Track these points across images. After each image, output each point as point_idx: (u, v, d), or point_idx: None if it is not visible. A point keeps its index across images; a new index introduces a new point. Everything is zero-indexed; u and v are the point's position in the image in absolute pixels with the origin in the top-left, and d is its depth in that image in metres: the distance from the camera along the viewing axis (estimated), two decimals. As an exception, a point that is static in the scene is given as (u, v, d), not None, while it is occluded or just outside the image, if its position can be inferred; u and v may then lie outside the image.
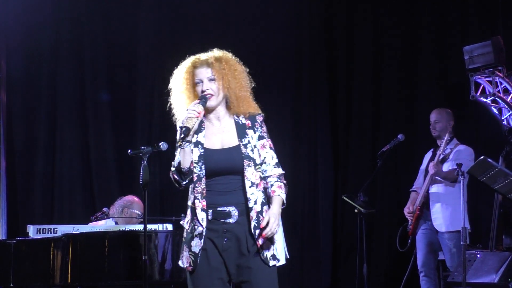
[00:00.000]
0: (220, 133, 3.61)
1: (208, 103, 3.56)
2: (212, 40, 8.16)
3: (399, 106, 7.91)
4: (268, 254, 3.51)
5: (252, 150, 3.56)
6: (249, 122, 3.62)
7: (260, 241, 3.48)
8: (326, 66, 8.05)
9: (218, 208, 3.50)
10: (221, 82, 3.57)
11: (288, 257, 5.24)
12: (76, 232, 5.15)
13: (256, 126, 3.61)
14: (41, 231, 5.36)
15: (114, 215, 6.20)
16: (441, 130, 6.43)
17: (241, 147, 3.55)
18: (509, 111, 6.83)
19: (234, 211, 3.50)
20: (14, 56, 7.58)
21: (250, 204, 3.50)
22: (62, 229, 5.32)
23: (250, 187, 3.51)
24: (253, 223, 3.49)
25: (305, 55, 8.13)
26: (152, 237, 4.88)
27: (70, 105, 7.83)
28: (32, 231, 5.37)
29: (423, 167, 6.52)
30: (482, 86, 6.78)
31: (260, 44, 8.11)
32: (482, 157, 5.05)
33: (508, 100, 6.75)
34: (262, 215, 3.48)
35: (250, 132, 3.60)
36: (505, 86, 6.74)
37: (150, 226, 5.04)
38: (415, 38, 7.91)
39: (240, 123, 3.62)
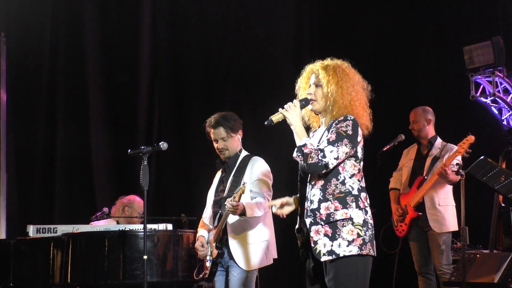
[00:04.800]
0: (317, 138, 3.75)
1: (312, 107, 3.76)
2: (211, 39, 8.26)
3: (399, 106, 7.91)
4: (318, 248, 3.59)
5: None
6: (332, 124, 3.67)
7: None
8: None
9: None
10: (325, 89, 3.70)
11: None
12: (76, 231, 5.15)
13: (332, 126, 3.65)
14: (41, 230, 5.36)
15: (115, 214, 6.20)
16: (420, 129, 6.40)
17: None
18: (509, 111, 6.83)
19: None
20: (14, 56, 7.58)
21: (306, 202, 3.66)
22: (62, 229, 5.32)
23: (310, 187, 3.66)
24: (308, 220, 3.62)
25: (304, 55, 8.13)
26: (152, 237, 4.87)
27: (70, 105, 7.84)
28: (32, 230, 5.37)
29: (404, 163, 6.51)
30: (482, 86, 6.78)
31: (259, 44, 8.11)
32: (482, 157, 5.04)
33: (508, 100, 6.75)
34: (318, 212, 3.59)
35: (326, 134, 3.67)
36: (505, 86, 6.74)
37: (150, 226, 5.04)
38: (414, 38, 7.91)
39: (329, 126, 3.69)
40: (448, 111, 7.23)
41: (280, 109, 3.73)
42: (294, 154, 3.64)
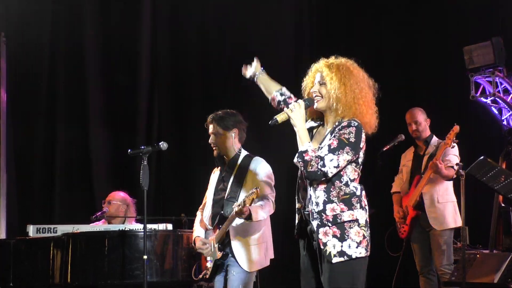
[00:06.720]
0: (320, 137, 3.74)
1: (316, 105, 3.73)
2: (211, 40, 8.25)
3: (399, 106, 7.91)
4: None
5: None
6: (336, 128, 3.65)
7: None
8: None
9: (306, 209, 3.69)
10: (328, 86, 3.68)
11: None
12: (76, 231, 5.16)
13: (336, 130, 3.63)
14: (41, 230, 5.37)
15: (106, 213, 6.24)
16: (422, 130, 6.39)
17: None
18: (509, 111, 6.83)
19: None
20: (14, 56, 7.58)
21: (310, 205, 3.64)
22: (62, 229, 5.32)
23: (312, 189, 3.63)
24: (315, 222, 3.60)
25: (305, 56, 8.13)
26: (152, 237, 4.87)
27: (70, 105, 7.84)
28: (32, 230, 5.38)
29: (402, 165, 6.51)
30: (482, 86, 6.78)
31: (259, 45, 8.11)
32: (482, 157, 5.04)
33: (508, 100, 6.75)
34: (324, 214, 3.58)
35: (328, 137, 3.65)
36: (505, 86, 6.75)
37: (150, 226, 5.04)
38: (415, 38, 7.91)
39: (333, 129, 3.67)
40: (448, 111, 7.22)
41: (285, 109, 3.74)
42: (295, 160, 3.64)
